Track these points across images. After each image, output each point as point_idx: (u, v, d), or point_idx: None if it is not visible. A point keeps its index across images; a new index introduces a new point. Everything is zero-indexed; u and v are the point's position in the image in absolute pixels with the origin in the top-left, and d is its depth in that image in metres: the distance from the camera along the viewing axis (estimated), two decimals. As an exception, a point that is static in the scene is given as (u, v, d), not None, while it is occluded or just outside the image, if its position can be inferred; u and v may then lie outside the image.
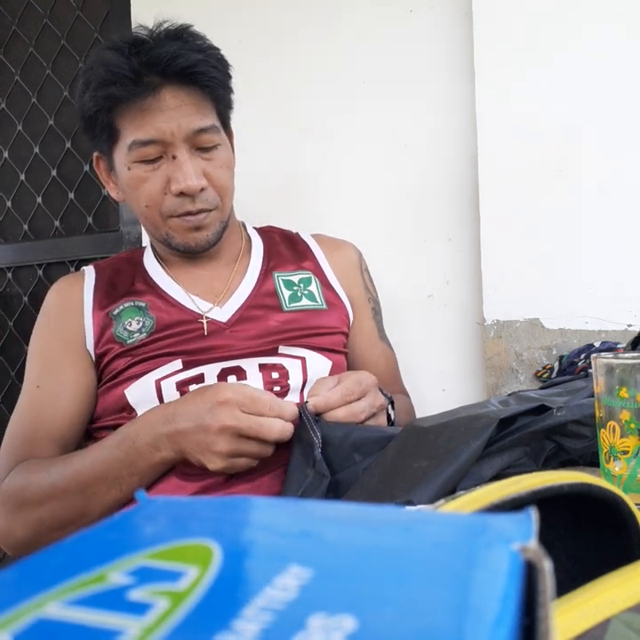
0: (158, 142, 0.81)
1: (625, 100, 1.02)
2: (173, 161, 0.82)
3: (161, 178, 0.83)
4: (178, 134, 0.81)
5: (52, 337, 0.88)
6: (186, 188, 0.81)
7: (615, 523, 0.32)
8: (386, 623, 0.13)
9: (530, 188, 1.06)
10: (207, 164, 0.84)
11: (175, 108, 0.80)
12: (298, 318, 0.89)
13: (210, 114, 0.85)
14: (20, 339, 1.71)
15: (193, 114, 0.82)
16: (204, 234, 0.86)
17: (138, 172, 0.83)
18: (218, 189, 0.85)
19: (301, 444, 0.69)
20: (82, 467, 0.73)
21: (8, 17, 1.72)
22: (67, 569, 0.16)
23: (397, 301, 1.21)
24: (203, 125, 0.82)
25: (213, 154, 0.85)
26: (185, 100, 0.81)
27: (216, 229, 0.88)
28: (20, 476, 0.77)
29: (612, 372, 0.50)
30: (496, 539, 0.17)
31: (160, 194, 0.83)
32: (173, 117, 0.80)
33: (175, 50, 0.79)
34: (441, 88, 1.21)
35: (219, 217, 0.87)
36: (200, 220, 0.85)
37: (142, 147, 0.81)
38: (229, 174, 0.88)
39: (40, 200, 1.70)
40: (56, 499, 0.73)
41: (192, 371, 0.82)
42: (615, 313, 1.01)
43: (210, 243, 0.88)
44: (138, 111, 0.80)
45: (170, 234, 0.86)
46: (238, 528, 0.19)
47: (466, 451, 0.53)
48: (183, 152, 0.81)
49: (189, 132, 0.81)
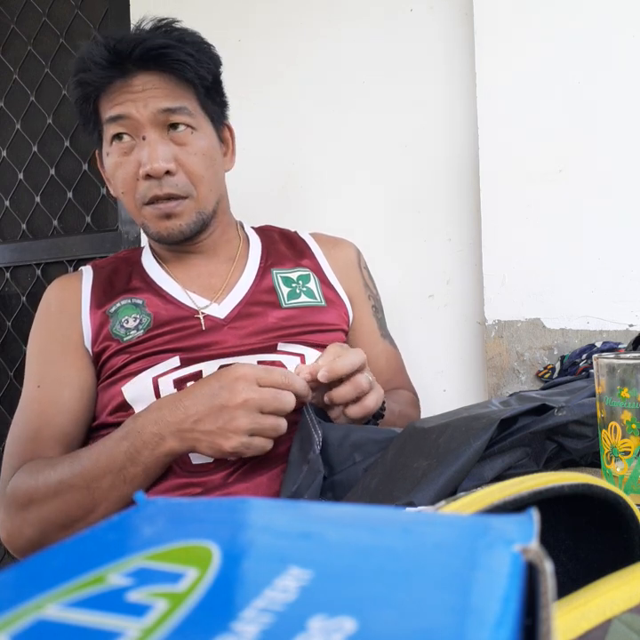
0: (125, 118, 0.82)
1: (626, 102, 1.01)
2: (143, 143, 0.83)
3: (133, 162, 0.83)
4: (144, 113, 0.82)
5: (50, 336, 0.88)
6: (150, 169, 0.81)
7: (616, 523, 0.32)
8: (386, 624, 0.13)
9: (530, 187, 1.06)
10: (179, 150, 0.84)
11: (145, 90, 0.82)
12: (296, 315, 0.88)
13: (185, 99, 0.85)
14: (18, 338, 1.71)
15: (163, 96, 0.83)
16: (176, 223, 0.85)
17: (114, 158, 0.85)
18: (190, 176, 0.84)
19: (301, 441, 0.69)
20: (87, 461, 0.73)
21: (7, 15, 1.72)
22: (66, 570, 0.16)
23: (398, 301, 1.21)
24: (171, 106, 0.83)
25: (187, 139, 0.84)
26: (156, 84, 0.83)
27: (191, 220, 0.86)
28: (26, 476, 0.76)
29: (613, 373, 0.50)
30: (497, 540, 0.17)
31: (133, 179, 0.84)
32: (141, 97, 0.82)
33: (143, 36, 0.82)
34: (441, 88, 1.21)
35: (194, 207, 0.86)
36: (171, 208, 0.84)
37: (112, 123, 0.83)
38: (205, 162, 0.86)
39: (38, 199, 1.70)
40: (62, 495, 0.73)
41: (190, 368, 0.82)
42: (616, 313, 1.01)
43: (183, 233, 0.86)
44: (110, 94, 0.83)
45: (145, 223, 0.86)
46: (238, 529, 0.19)
47: (467, 451, 0.53)
48: (151, 133, 0.82)
49: (156, 110, 0.82)
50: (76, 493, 0.72)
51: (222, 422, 0.67)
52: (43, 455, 0.80)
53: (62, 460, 0.76)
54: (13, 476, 0.78)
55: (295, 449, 0.69)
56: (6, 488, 0.78)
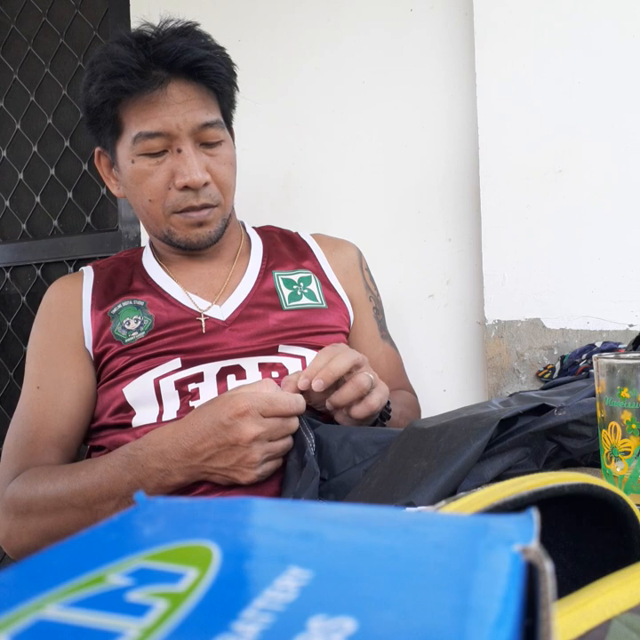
0: (164, 135, 0.82)
1: (625, 101, 1.01)
2: (178, 155, 0.82)
3: (165, 172, 0.83)
4: (184, 128, 0.81)
5: (50, 337, 0.88)
6: (190, 181, 0.81)
7: (616, 523, 0.32)
8: (386, 624, 0.13)
9: (530, 187, 1.06)
10: (211, 160, 0.85)
11: (182, 102, 0.81)
12: (298, 317, 0.88)
13: (215, 110, 0.86)
14: (18, 339, 1.71)
15: (199, 108, 0.83)
16: (206, 230, 0.87)
17: (142, 166, 0.83)
18: (220, 186, 0.86)
19: (295, 447, 0.70)
20: (89, 483, 0.72)
21: (7, 15, 1.72)
22: (66, 570, 0.16)
23: (398, 301, 1.21)
24: (208, 120, 0.83)
25: (217, 150, 0.85)
26: (191, 95, 0.82)
27: (218, 226, 0.88)
28: (25, 484, 0.76)
29: (613, 373, 0.50)
30: (497, 540, 0.17)
31: (164, 188, 0.84)
32: (180, 111, 0.81)
33: (183, 45, 0.80)
34: (441, 88, 1.21)
35: (221, 214, 0.88)
36: (203, 217, 0.85)
37: (148, 139, 0.82)
38: (232, 171, 0.88)
39: (38, 199, 1.70)
40: (62, 511, 0.73)
41: (191, 369, 0.82)
42: (616, 313, 1.01)
43: (212, 239, 0.88)
44: (144, 104, 0.81)
45: (171, 230, 0.87)
46: (238, 529, 0.19)
47: (467, 451, 0.53)
48: (188, 146, 0.82)
49: (195, 126, 0.82)
50: (77, 512, 0.72)
51: (236, 460, 0.68)
52: (41, 458, 0.80)
53: (62, 476, 0.75)
54: (12, 481, 0.78)
55: (293, 456, 0.70)
56: (5, 491, 0.78)
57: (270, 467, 0.70)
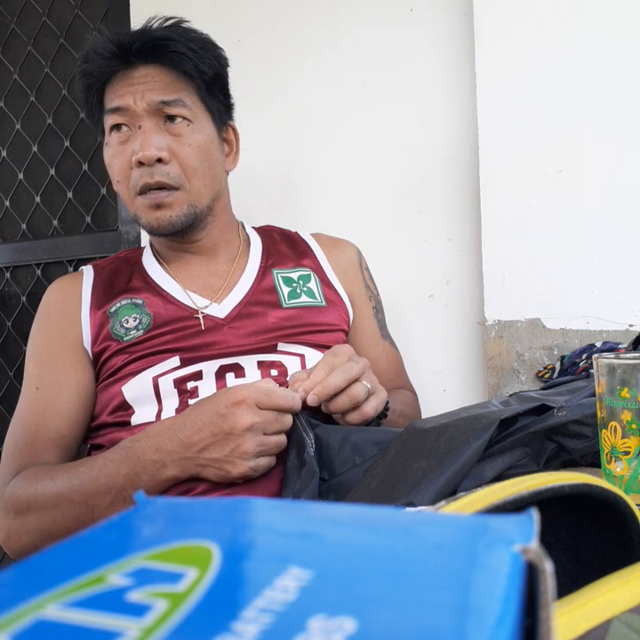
0: (123, 110, 0.84)
1: (625, 101, 1.01)
2: (138, 132, 0.84)
3: (129, 151, 0.84)
4: (140, 104, 0.83)
5: (50, 337, 0.88)
6: (143, 156, 0.82)
7: (616, 524, 0.32)
8: (386, 624, 0.13)
9: (530, 187, 1.06)
10: (174, 140, 0.85)
11: (144, 82, 0.84)
12: (297, 315, 0.88)
13: (181, 91, 0.85)
14: (18, 339, 1.71)
15: (159, 88, 0.84)
16: (166, 214, 0.85)
17: (112, 148, 0.86)
18: (183, 167, 0.85)
19: (295, 447, 0.69)
20: (87, 478, 0.72)
21: (7, 15, 1.72)
22: (66, 570, 0.16)
23: (398, 301, 1.21)
24: (166, 98, 0.84)
25: (182, 131, 0.85)
26: (155, 77, 0.84)
27: (182, 212, 0.85)
28: (25, 483, 0.76)
29: (613, 373, 0.50)
30: (497, 540, 0.17)
31: (127, 168, 0.85)
32: (139, 89, 0.84)
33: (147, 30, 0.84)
34: (441, 88, 1.21)
35: (185, 198, 0.85)
36: (161, 198, 0.84)
37: (111, 114, 0.85)
38: (200, 155, 0.86)
39: (38, 199, 1.70)
40: (60, 508, 0.73)
41: (190, 367, 0.82)
42: (616, 313, 1.01)
43: (173, 225, 0.85)
44: (112, 86, 0.85)
45: (137, 214, 0.87)
46: (238, 529, 0.19)
47: (467, 451, 0.53)
48: (146, 122, 0.83)
49: (151, 102, 0.83)
50: (75, 508, 0.72)
51: (229, 449, 0.68)
52: (40, 458, 0.80)
53: (61, 472, 0.75)
54: (12, 480, 0.78)
55: (292, 455, 0.70)
56: (4, 491, 0.78)
57: (263, 463, 0.69)
